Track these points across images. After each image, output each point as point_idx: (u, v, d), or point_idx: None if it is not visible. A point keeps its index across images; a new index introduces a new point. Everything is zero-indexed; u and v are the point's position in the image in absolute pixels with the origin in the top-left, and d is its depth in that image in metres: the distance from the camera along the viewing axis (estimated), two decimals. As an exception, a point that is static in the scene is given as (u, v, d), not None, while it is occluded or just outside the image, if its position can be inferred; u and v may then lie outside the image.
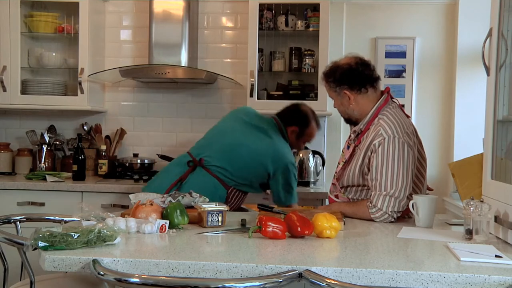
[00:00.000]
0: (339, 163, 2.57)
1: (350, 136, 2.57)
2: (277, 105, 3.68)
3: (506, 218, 1.88)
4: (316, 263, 1.57)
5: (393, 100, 2.50)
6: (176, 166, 2.92)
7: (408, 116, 2.48)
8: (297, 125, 3.00)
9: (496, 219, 1.96)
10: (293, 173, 2.89)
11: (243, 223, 2.12)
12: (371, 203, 2.31)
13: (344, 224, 2.11)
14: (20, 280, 2.18)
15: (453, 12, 3.92)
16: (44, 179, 3.61)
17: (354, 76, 2.42)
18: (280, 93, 3.83)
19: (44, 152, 3.94)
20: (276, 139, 2.90)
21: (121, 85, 4.12)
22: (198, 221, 2.12)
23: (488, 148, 2.10)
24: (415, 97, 3.95)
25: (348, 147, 2.53)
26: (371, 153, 2.34)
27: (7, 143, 4.06)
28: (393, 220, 2.30)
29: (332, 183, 2.58)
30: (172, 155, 3.20)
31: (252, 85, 3.67)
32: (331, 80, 2.46)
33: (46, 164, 3.95)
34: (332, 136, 4.01)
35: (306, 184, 3.66)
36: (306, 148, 3.74)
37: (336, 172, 2.55)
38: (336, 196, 2.54)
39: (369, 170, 2.36)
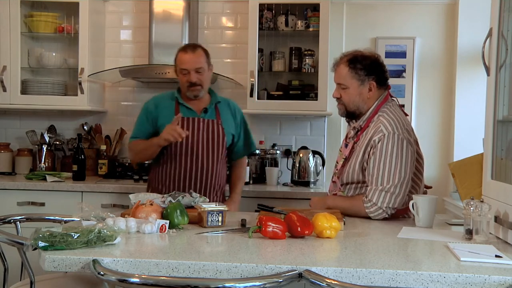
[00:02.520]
0: (337, 162, 2.56)
1: (347, 135, 2.56)
2: (277, 105, 3.72)
3: (506, 218, 1.88)
4: (316, 263, 1.57)
5: (392, 98, 2.50)
6: None
7: (406, 115, 2.48)
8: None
9: (496, 219, 1.96)
10: None
11: (243, 223, 2.12)
12: (366, 197, 2.30)
13: (344, 224, 2.11)
14: (20, 280, 2.18)
15: (453, 12, 3.92)
16: (44, 179, 3.61)
17: (382, 69, 2.42)
18: (280, 93, 3.83)
19: (44, 152, 3.94)
20: None
21: (121, 85, 4.12)
22: (198, 221, 2.12)
23: (488, 148, 2.10)
24: (415, 97, 3.95)
25: (346, 146, 2.52)
26: (371, 149, 2.33)
27: (7, 143, 4.06)
28: (387, 216, 2.29)
29: (332, 181, 2.58)
30: (172, 155, 3.20)
31: (252, 85, 3.67)
32: (360, 67, 2.38)
33: (46, 164, 3.95)
34: (332, 136, 4.01)
35: (306, 184, 3.65)
36: (306, 148, 3.74)
37: (337, 170, 2.54)
38: (335, 195, 2.54)
39: (368, 166, 2.35)
